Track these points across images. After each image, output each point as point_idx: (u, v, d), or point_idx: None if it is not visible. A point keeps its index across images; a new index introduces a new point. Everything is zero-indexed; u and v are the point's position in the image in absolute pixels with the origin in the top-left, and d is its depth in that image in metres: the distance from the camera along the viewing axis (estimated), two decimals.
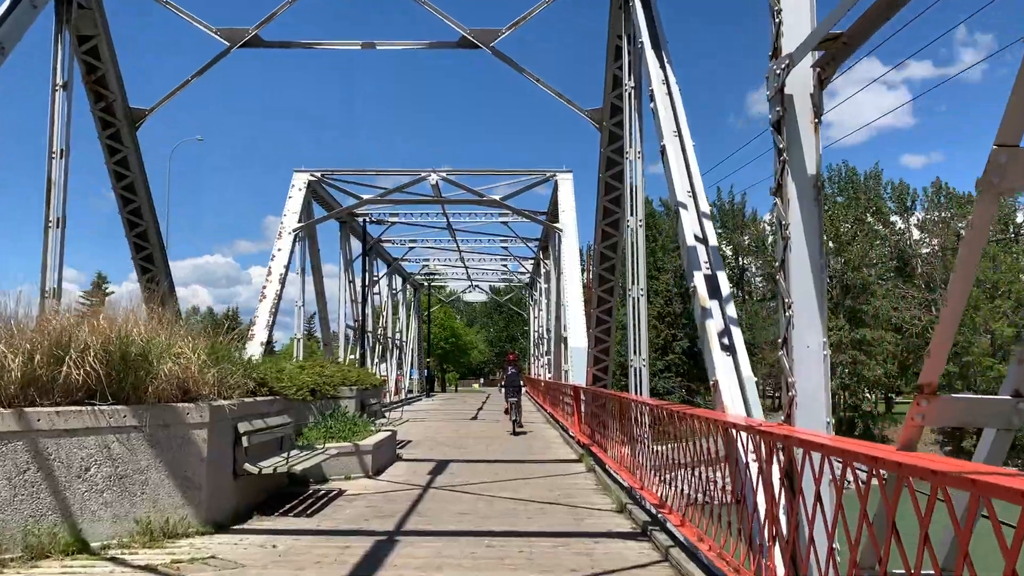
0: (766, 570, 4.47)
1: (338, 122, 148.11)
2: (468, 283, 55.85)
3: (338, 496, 9.96)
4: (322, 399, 13.27)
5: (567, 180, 24.91)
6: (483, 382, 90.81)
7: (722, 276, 7.23)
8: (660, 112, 8.92)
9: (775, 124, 5.07)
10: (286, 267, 21.68)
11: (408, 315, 49.65)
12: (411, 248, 40.58)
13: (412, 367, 50.20)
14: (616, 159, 14.56)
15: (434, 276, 53.45)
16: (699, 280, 7.14)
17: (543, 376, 36.12)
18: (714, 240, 7.60)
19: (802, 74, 4.98)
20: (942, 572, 2.96)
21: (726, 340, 6.72)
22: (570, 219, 23.55)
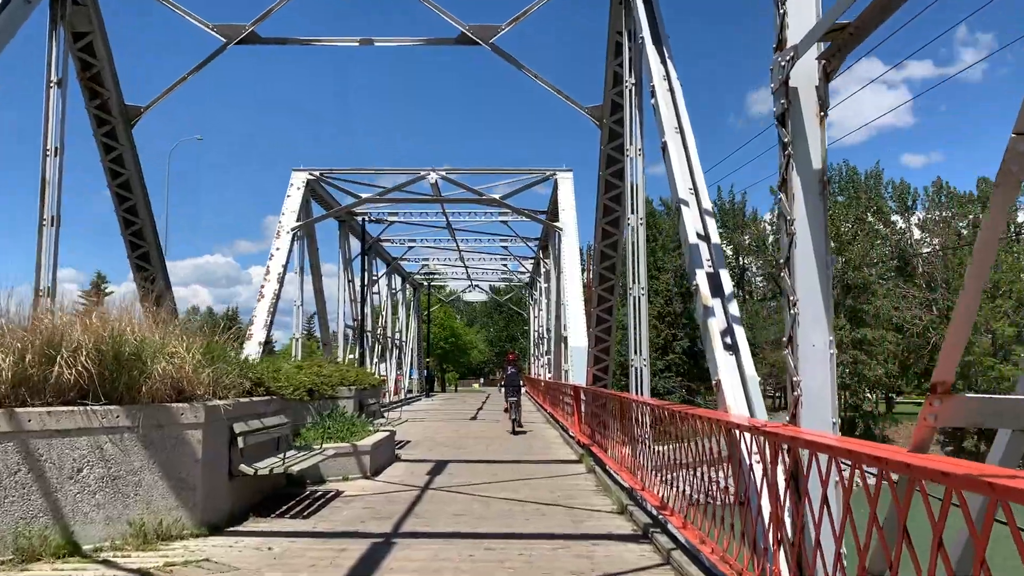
0: (771, 575, 4.36)
1: (337, 120, 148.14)
2: (468, 283, 55.73)
3: (335, 497, 9.86)
4: (320, 399, 13.16)
5: (567, 179, 24.81)
6: (483, 382, 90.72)
7: (724, 274, 7.11)
8: (661, 108, 8.80)
9: (779, 117, 4.95)
10: (284, 266, 21.57)
11: (408, 315, 49.53)
12: (410, 248, 40.47)
13: (412, 367, 50.09)
14: (616, 157, 14.45)
15: (434, 276, 53.35)
16: (701, 278, 7.01)
17: (543, 376, 36.01)
18: (716, 238, 7.48)
19: (807, 66, 4.86)
20: None
21: (729, 339, 6.61)
22: (570, 218, 23.44)
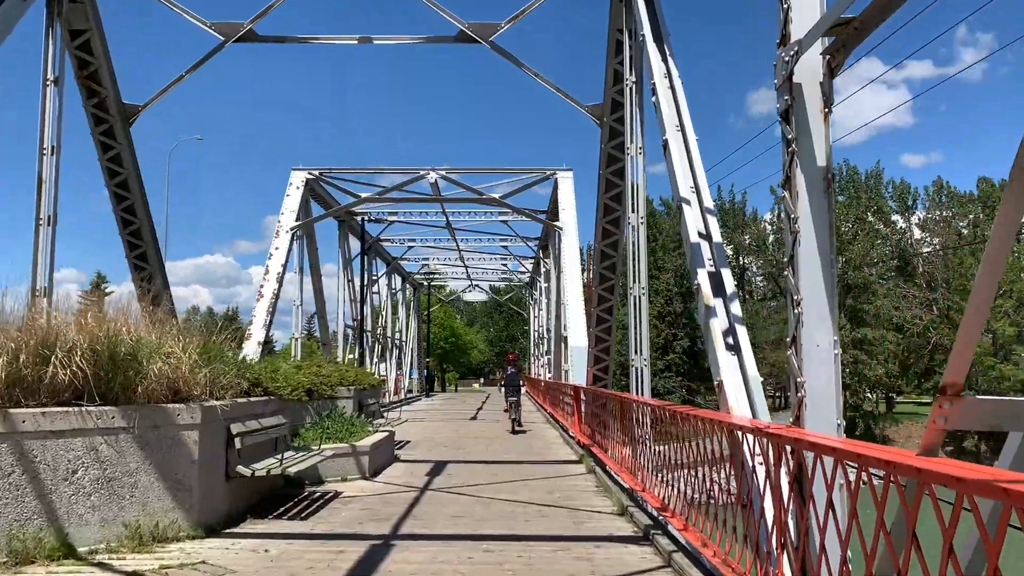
0: None
1: (336, 119, 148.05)
2: (468, 282, 55.63)
3: (334, 498, 9.79)
4: (319, 399, 13.09)
5: (567, 178, 24.73)
6: (483, 382, 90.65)
7: (726, 273, 7.03)
8: (662, 106, 8.72)
9: (783, 114, 4.87)
10: (284, 266, 21.49)
11: (408, 315, 49.45)
12: (410, 247, 40.38)
13: (412, 367, 50.00)
14: (617, 155, 14.37)
15: (434, 276, 53.26)
16: (703, 277, 6.93)
17: (543, 376, 35.92)
18: (718, 236, 7.40)
19: (811, 62, 4.78)
20: None
21: (731, 339, 6.53)
22: (570, 217, 23.36)
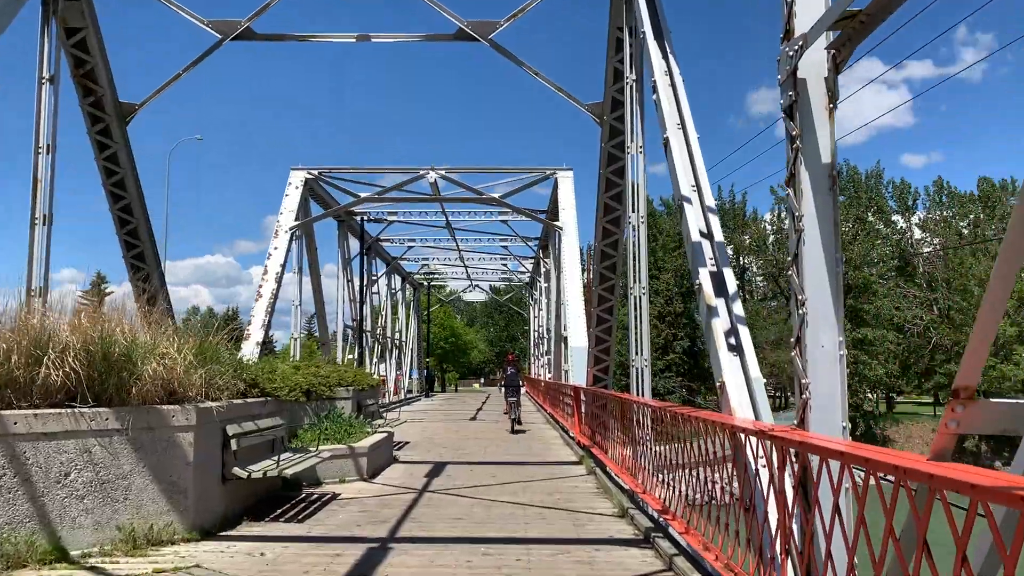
0: None
1: (334, 117, 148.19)
2: (468, 282, 55.53)
3: (331, 500, 9.70)
4: (317, 400, 12.98)
5: (567, 178, 24.63)
6: (483, 382, 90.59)
7: (728, 273, 6.92)
8: (663, 103, 8.62)
9: (787, 110, 4.77)
10: (282, 265, 21.38)
11: (407, 315, 49.35)
12: (410, 247, 40.27)
13: (412, 367, 49.89)
14: (617, 154, 14.27)
15: (433, 276, 53.17)
16: (704, 277, 6.83)
17: (543, 376, 35.82)
18: (720, 235, 7.29)
19: (816, 56, 4.68)
20: None
21: (733, 340, 6.43)
22: (570, 217, 23.25)
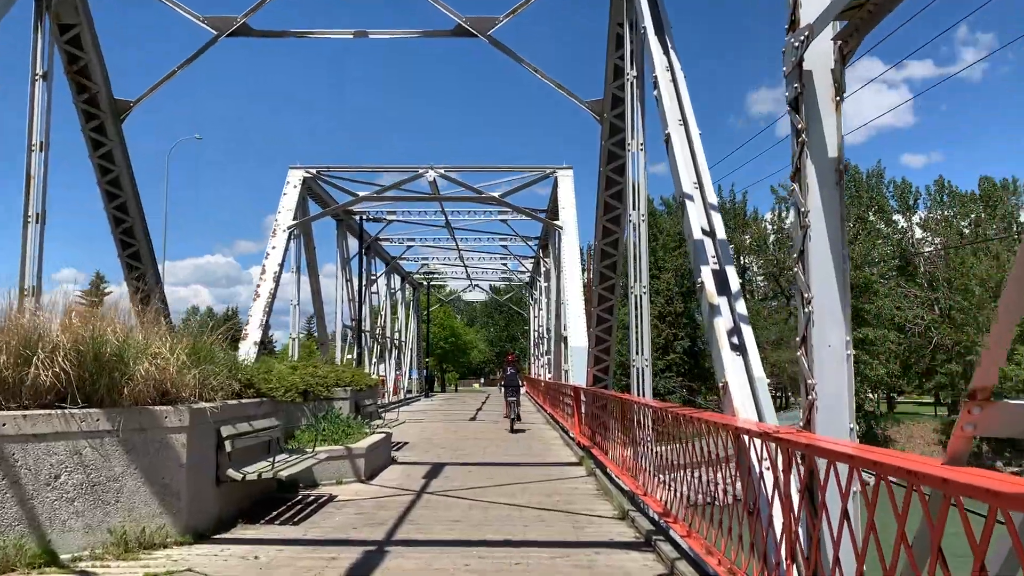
0: None
1: (333, 113, 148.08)
2: (468, 282, 55.40)
3: (328, 502, 9.57)
4: (315, 401, 12.85)
5: (567, 177, 24.50)
6: (483, 382, 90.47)
7: (731, 270, 6.79)
8: (664, 99, 8.49)
9: (792, 102, 4.64)
10: (280, 265, 21.26)
11: (407, 314, 49.22)
12: (409, 247, 40.16)
13: (411, 367, 49.76)
14: (618, 152, 14.13)
15: (433, 275, 53.04)
16: (707, 275, 6.70)
17: (543, 376, 35.69)
18: (722, 233, 7.15)
19: (822, 48, 4.55)
20: None
21: (736, 339, 6.30)
22: (570, 216, 23.13)
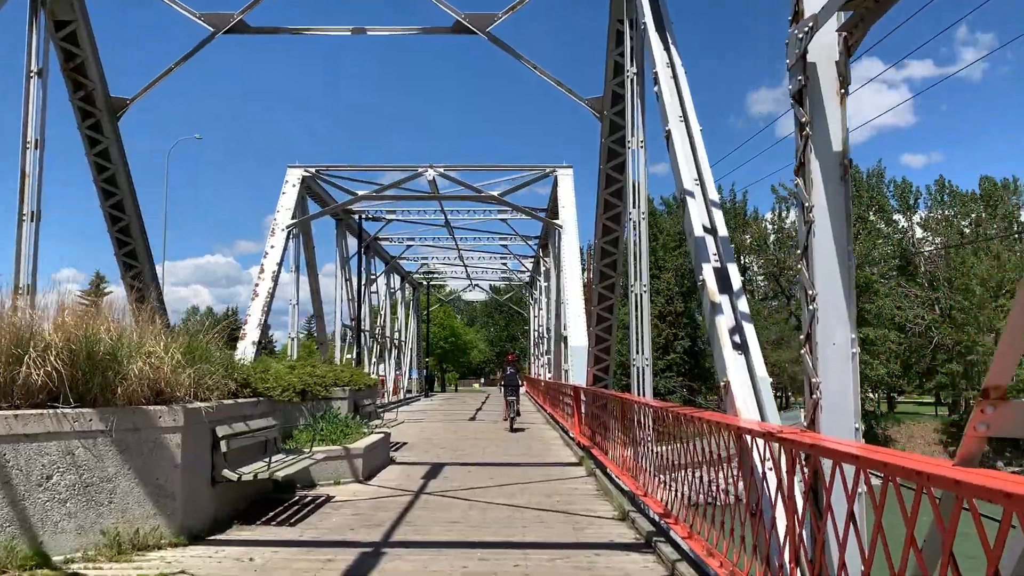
0: None
1: (331, 111, 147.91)
2: (467, 282, 55.30)
3: (325, 503, 9.48)
4: (313, 400, 12.75)
5: (567, 176, 24.38)
6: (483, 382, 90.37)
7: (733, 268, 6.69)
8: (665, 96, 8.39)
9: (796, 95, 4.54)
10: (279, 264, 21.13)
11: (407, 314, 49.12)
12: (409, 247, 40.04)
13: (411, 367, 49.65)
14: (617, 150, 14.03)
15: (433, 275, 52.94)
16: (708, 273, 6.60)
17: (543, 376, 35.60)
18: (724, 230, 7.05)
19: (827, 39, 4.45)
20: None
21: (737, 337, 6.20)
22: (570, 215, 23.01)
